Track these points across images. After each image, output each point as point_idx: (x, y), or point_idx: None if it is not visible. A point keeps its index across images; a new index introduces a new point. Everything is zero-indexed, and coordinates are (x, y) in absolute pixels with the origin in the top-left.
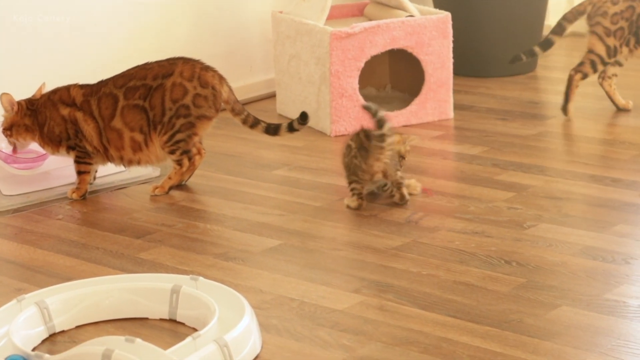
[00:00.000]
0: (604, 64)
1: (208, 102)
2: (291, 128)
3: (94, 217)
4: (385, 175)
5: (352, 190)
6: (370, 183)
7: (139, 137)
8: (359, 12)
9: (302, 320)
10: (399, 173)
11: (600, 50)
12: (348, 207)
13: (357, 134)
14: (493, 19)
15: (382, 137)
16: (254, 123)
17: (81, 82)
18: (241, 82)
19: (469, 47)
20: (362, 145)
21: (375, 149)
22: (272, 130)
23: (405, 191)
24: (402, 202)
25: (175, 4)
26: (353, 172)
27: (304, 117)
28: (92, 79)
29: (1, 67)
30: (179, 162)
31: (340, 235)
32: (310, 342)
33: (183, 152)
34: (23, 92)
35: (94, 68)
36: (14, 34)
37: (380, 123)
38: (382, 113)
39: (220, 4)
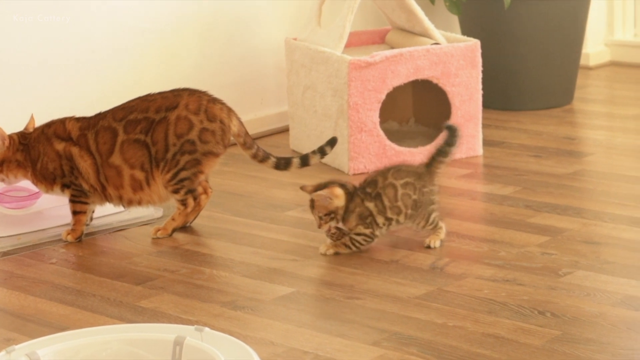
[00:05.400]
0: None
1: (215, 137)
2: (305, 163)
3: (91, 262)
4: None
5: (434, 220)
6: None
7: (139, 174)
8: (380, 40)
9: None
10: None
11: None
12: (431, 247)
13: (415, 171)
14: (526, 47)
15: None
16: (263, 157)
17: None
18: (251, 115)
19: (500, 78)
20: (420, 175)
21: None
22: (283, 165)
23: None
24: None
25: (181, 30)
26: (431, 203)
27: (332, 143)
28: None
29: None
30: (183, 202)
31: (358, 283)
32: None
33: (188, 191)
34: (22, 98)
35: (91, 101)
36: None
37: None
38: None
39: (229, 30)
